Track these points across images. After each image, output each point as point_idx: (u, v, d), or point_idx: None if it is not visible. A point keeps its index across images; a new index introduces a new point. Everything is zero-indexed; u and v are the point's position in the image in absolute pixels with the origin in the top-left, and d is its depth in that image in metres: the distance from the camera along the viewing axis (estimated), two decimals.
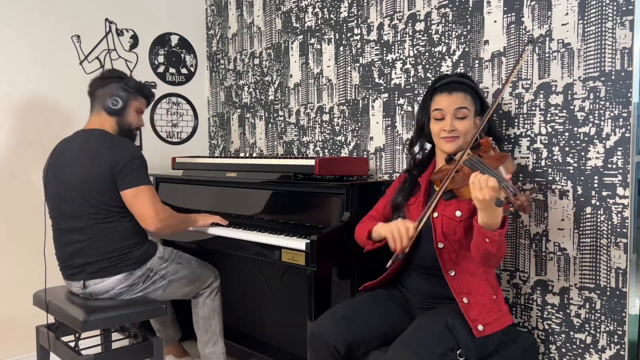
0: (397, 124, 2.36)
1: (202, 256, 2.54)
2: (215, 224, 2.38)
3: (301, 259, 1.95)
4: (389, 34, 2.36)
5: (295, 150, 2.89)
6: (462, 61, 2.09)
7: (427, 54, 2.22)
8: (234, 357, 2.75)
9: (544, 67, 1.85)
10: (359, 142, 2.54)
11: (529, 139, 1.90)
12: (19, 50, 2.72)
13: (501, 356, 1.67)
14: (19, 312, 2.68)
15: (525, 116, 1.91)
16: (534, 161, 1.89)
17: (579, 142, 1.77)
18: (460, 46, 2.10)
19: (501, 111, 1.97)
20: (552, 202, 1.84)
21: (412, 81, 2.28)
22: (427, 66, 2.22)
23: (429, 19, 2.20)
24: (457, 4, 2.10)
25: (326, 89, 2.68)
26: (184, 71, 3.38)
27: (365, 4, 2.45)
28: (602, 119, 1.71)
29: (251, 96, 3.16)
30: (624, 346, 1.71)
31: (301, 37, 2.80)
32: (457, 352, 1.54)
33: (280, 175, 2.32)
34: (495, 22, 1.98)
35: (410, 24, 2.27)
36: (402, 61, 2.32)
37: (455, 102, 1.72)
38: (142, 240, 2.22)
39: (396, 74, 2.34)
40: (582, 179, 1.77)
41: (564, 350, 1.85)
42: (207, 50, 3.48)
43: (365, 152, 2.51)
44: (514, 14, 1.92)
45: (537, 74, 1.87)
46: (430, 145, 1.89)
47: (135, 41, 3.14)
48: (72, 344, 2.09)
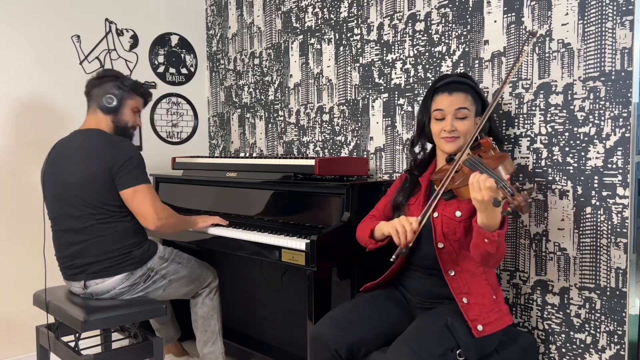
0: (397, 124, 2.36)
1: (202, 256, 2.54)
2: (215, 224, 2.38)
3: (301, 259, 1.95)
4: (389, 34, 2.36)
5: (295, 150, 2.89)
6: (462, 61, 2.09)
7: (427, 54, 2.22)
8: (234, 357, 2.75)
9: (544, 67, 1.85)
10: (359, 142, 2.54)
11: (529, 139, 1.90)
12: (19, 50, 2.72)
13: (501, 356, 1.67)
14: (19, 312, 2.68)
15: (525, 116, 1.91)
16: (534, 161, 1.89)
17: (579, 142, 1.77)
18: (460, 46, 2.10)
19: (501, 111, 1.97)
20: (552, 202, 1.84)
21: (412, 81, 2.28)
22: (427, 66, 2.22)
23: (429, 19, 2.20)
24: (457, 4, 2.10)
25: (326, 89, 2.68)
26: (184, 71, 3.38)
27: (365, 4, 2.45)
28: (602, 119, 1.71)
29: (251, 96, 3.16)
30: (624, 346, 1.71)
31: (301, 37, 2.79)
32: (457, 352, 1.55)
33: (280, 175, 2.32)
34: (495, 22, 1.98)
35: (410, 24, 2.27)
36: (402, 61, 2.32)
37: (455, 102, 1.72)
38: (143, 239, 2.22)
39: (396, 74, 2.34)
40: (582, 179, 1.77)
41: (564, 350, 1.85)
42: (207, 50, 3.48)
43: (365, 152, 2.51)
44: (514, 14, 1.92)
45: (537, 74, 1.87)
46: (431, 145, 1.89)
47: (135, 41, 3.14)
48: (72, 344, 2.09)
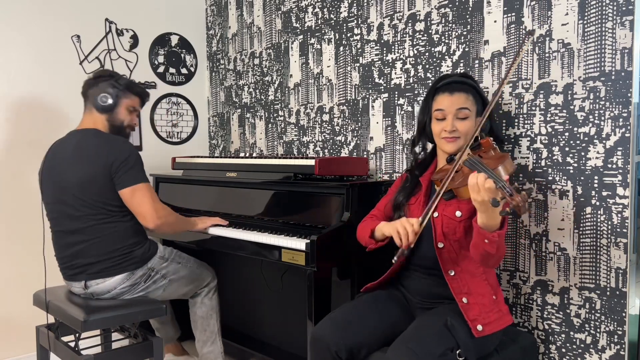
0: (397, 124, 2.36)
1: (201, 256, 2.54)
2: (215, 225, 2.38)
3: (301, 259, 1.95)
4: (389, 34, 2.36)
5: (295, 150, 2.89)
6: (462, 61, 2.09)
7: (427, 54, 2.22)
8: (234, 357, 2.75)
9: (544, 67, 1.85)
10: (359, 142, 2.54)
11: (529, 139, 1.90)
12: (19, 50, 2.72)
13: (501, 356, 1.67)
14: (19, 312, 2.68)
15: (525, 116, 1.91)
16: (534, 161, 1.89)
17: (579, 142, 1.77)
18: (460, 46, 2.09)
19: (501, 111, 1.97)
20: (552, 202, 1.84)
21: (412, 81, 2.28)
22: (427, 66, 2.22)
23: (429, 19, 2.20)
24: (457, 4, 2.10)
25: (326, 89, 2.68)
26: (184, 71, 3.38)
27: (365, 4, 2.45)
28: (602, 119, 1.71)
29: (251, 96, 3.16)
30: (624, 346, 1.71)
31: (301, 37, 2.79)
32: (457, 352, 1.54)
33: (280, 175, 2.32)
34: (495, 22, 1.98)
35: (410, 24, 2.27)
36: (402, 61, 2.31)
37: (456, 102, 1.72)
38: (143, 239, 2.22)
39: (396, 74, 2.34)
40: (582, 179, 1.77)
41: (564, 350, 1.85)
42: (207, 50, 3.48)
43: (365, 152, 2.51)
44: (514, 14, 1.92)
45: (537, 74, 1.87)
46: (431, 145, 1.89)
47: (135, 41, 3.14)
48: (72, 344, 2.09)
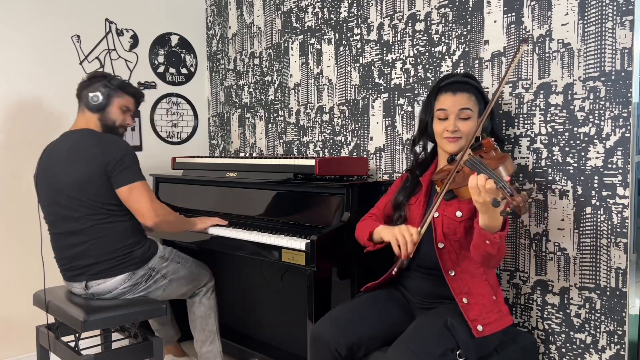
0: (397, 124, 2.36)
1: (201, 256, 2.54)
2: (214, 225, 2.38)
3: (301, 259, 1.95)
4: (389, 34, 2.36)
5: (295, 150, 2.89)
6: (462, 61, 2.09)
7: (427, 54, 2.22)
8: (234, 357, 2.75)
9: (544, 67, 1.85)
10: (359, 142, 2.54)
11: (529, 139, 1.90)
12: (19, 50, 2.72)
13: (501, 356, 1.67)
14: (19, 312, 2.68)
15: (525, 116, 1.91)
16: (534, 161, 1.88)
17: (579, 142, 1.77)
18: (460, 46, 2.09)
19: (501, 111, 1.97)
20: (552, 202, 1.84)
21: (412, 81, 2.28)
22: (427, 66, 2.22)
23: (429, 19, 2.20)
24: (457, 4, 2.10)
25: (326, 89, 2.68)
26: (184, 71, 3.38)
27: (365, 4, 2.45)
28: (602, 119, 1.71)
29: (251, 96, 3.16)
30: (624, 346, 1.71)
31: (301, 37, 2.79)
32: (457, 352, 1.54)
33: (280, 175, 2.32)
34: (495, 22, 1.98)
35: (410, 24, 2.27)
36: (402, 61, 2.31)
37: (459, 102, 1.71)
38: (142, 239, 2.22)
39: (396, 74, 2.34)
40: (582, 179, 1.77)
41: (564, 350, 1.85)
42: (207, 50, 3.48)
43: (365, 152, 2.51)
44: (514, 14, 1.92)
45: (537, 74, 1.87)
46: (432, 144, 1.89)
47: (135, 41, 3.14)
48: (72, 344, 2.09)
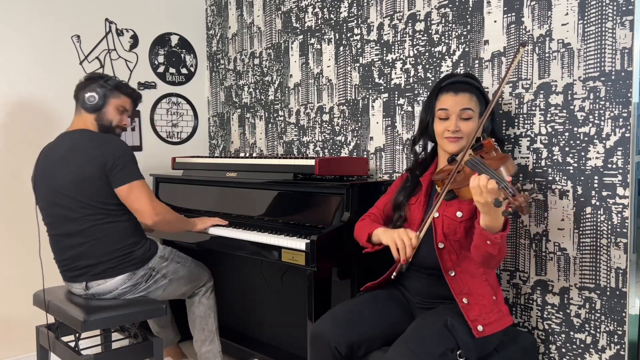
0: (397, 124, 2.36)
1: (201, 256, 2.54)
2: (214, 225, 2.38)
3: (301, 259, 1.95)
4: (389, 34, 2.36)
5: (295, 150, 2.89)
6: (462, 61, 2.09)
7: (427, 54, 2.22)
8: (234, 357, 2.75)
9: (544, 67, 1.85)
10: (359, 142, 2.54)
11: (529, 139, 1.90)
12: (19, 50, 2.72)
13: (501, 356, 1.67)
14: (19, 312, 2.68)
15: (525, 116, 1.91)
16: (534, 161, 1.88)
17: (579, 142, 1.77)
18: (460, 46, 2.09)
19: (501, 111, 1.97)
20: (552, 202, 1.84)
21: (412, 81, 2.28)
22: (427, 66, 2.22)
23: (429, 19, 2.20)
24: (457, 4, 2.10)
25: (326, 89, 2.68)
26: (184, 71, 3.38)
27: (365, 4, 2.45)
28: (602, 119, 1.71)
29: (251, 96, 3.16)
30: (624, 346, 1.71)
31: (301, 37, 2.79)
32: (457, 352, 1.54)
33: (280, 175, 2.32)
34: (495, 22, 1.98)
35: (410, 24, 2.27)
36: (402, 61, 2.31)
37: (460, 102, 1.71)
38: (142, 239, 2.22)
39: (396, 74, 2.34)
40: (582, 179, 1.77)
41: (564, 350, 1.85)
42: (207, 50, 3.48)
43: (365, 152, 2.51)
44: (514, 14, 1.92)
45: (537, 74, 1.87)
46: (432, 144, 1.89)
47: (135, 41, 3.14)
48: (72, 344, 2.09)
